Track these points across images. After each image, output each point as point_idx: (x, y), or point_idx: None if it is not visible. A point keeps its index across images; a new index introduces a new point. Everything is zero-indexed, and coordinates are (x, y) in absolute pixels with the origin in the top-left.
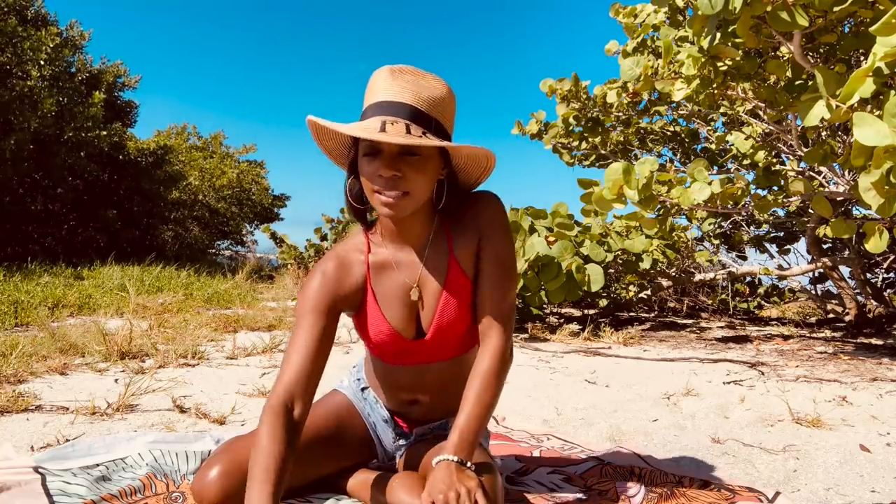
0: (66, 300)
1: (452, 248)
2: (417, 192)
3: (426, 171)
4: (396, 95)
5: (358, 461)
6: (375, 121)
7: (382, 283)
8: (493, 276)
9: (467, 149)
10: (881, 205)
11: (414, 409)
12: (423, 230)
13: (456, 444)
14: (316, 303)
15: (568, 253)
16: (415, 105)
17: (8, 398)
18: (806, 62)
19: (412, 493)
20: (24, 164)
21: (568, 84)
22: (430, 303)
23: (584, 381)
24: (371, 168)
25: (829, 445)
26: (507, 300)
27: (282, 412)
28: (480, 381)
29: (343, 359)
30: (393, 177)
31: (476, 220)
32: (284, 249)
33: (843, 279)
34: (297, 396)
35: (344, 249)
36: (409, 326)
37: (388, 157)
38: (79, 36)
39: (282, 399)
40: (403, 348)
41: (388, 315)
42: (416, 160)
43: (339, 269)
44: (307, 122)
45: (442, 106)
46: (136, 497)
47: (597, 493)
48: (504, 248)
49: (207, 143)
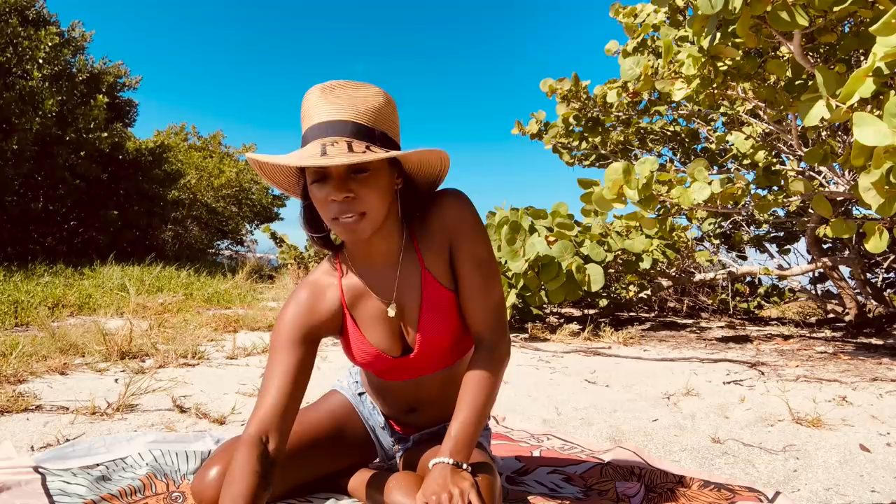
0: (67, 300)
1: (423, 262)
2: (373, 211)
3: (379, 187)
4: (332, 114)
5: (358, 461)
6: (315, 145)
7: (359, 305)
8: (472, 278)
9: (417, 154)
10: (881, 205)
11: (412, 416)
12: (391, 246)
13: (451, 448)
14: (291, 334)
15: (568, 253)
16: (353, 120)
17: (8, 398)
18: (806, 62)
19: (409, 494)
20: (25, 164)
21: (568, 84)
22: (410, 319)
23: (584, 381)
24: (322, 194)
25: (829, 445)
26: (492, 298)
27: (256, 445)
28: (474, 383)
29: (343, 359)
30: (345, 199)
31: (443, 225)
32: (284, 249)
33: (843, 279)
34: (273, 430)
35: (316, 276)
36: (394, 345)
37: (337, 180)
38: (81, 37)
39: (256, 432)
40: (392, 366)
41: (369, 337)
42: (366, 177)
43: (313, 296)
44: (247, 159)
45: (383, 115)
46: (136, 497)
47: (597, 493)
48: (477, 246)
49: (206, 142)
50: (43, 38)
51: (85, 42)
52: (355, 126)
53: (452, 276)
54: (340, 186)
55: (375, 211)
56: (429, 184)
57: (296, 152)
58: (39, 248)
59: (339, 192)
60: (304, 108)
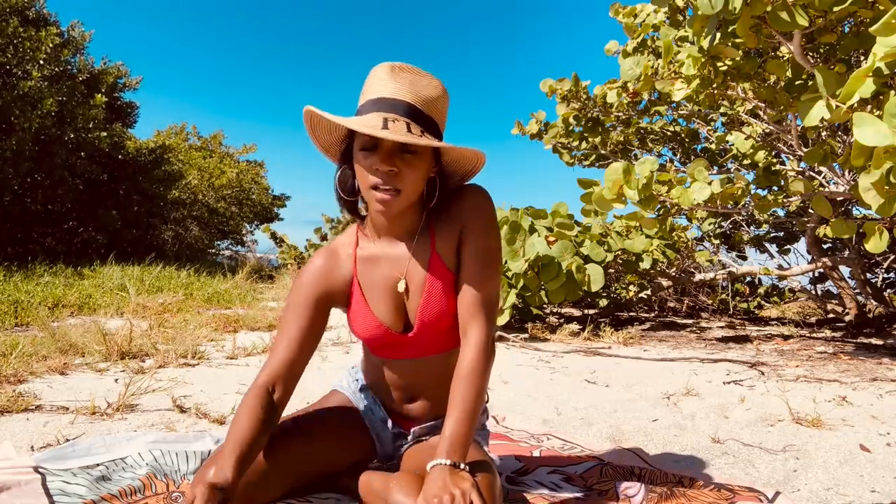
0: (66, 300)
1: (434, 243)
2: (408, 190)
3: (419, 169)
4: (396, 93)
5: (357, 461)
6: (376, 117)
7: (369, 276)
8: (471, 268)
9: (461, 149)
10: (881, 205)
11: (412, 407)
12: (411, 226)
13: (447, 449)
14: (305, 295)
15: (568, 253)
16: (414, 104)
17: (8, 398)
18: (806, 62)
19: (409, 495)
20: (24, 164)
21: (568, 84)
22: (415, 296)
23: (584, 381)
24: (368, 162)
25: (829, 445)
26: (486, 292)
27: (263, 393)
28: (464, 381)
29: (343, 359)
30: (389, 171)
31: (458, 213)
32: (284, 249)
33: (843, 279)
34: (280, 381)
35: (334, 245)
36: (397, 320)
37: (386, 153)
38: (80, 37)
39: (265, 382)
40: (392, 342)
41: (374, 308)
42: (412, 158)
43: (329, 262)
44: (304, 112)
45: (438, 105)
46: (136, 497)
47: (597, 493)
48: (484, 239)
49: (207, 142)
50: (43, 39)
51: (84, 42)
52: (414, 109)
53: (458, 262)
54: (387, 160)
55: (410, 190)
56: (458, 179)
57: (356, 118)
58: (39, 248)
59: (385, 164)
60: (369, 79)
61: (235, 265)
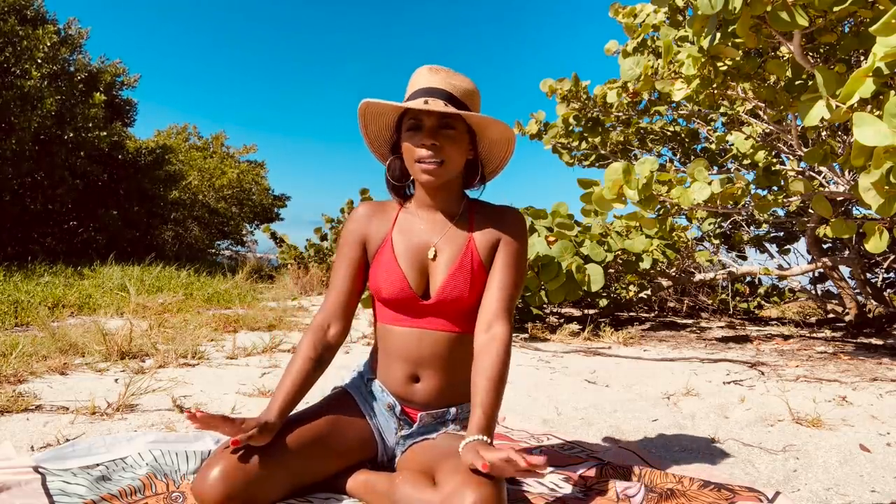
0: (66, 300)
1: (473, 230)
2: (450, 162)
3: (458, 145)
4: (433, 83)
5: (358, 461)
6: (418, 101)
7: (404, 234)
8: (505, 271)
9: (494, 123)
10: (881, 205)
11: (416, 388)
12: (452, 205)
13: (482, 425)
14: (351, 238)
15: (568, 253)
16: (450, 91)
17: (8, 398)
18: (806, 62)
19: (417, 487)
20: (24, 164)
21: (568, 84)
22: (441, 267)
23: (584, 381)
24: (414, 140)
25: (829, 445)
26: (513, 295)
27: (319, 332)
28: (492, 366)
29: (343, 359)
30: (432, 145)
31: (500, 226)
32: (284, 249)
33: (843, 279)
34: (335, 319)
35: (382, 202)
36: (420, 283)
37: (429, 130)
38: (77, 34)
39: (321, 322)
40: (408, 303)
41: (401, 264)
42: (452, 134)
43: (371, 210)
44: (361, 105)
45: (471, 96)
46: (136, 497)
47: (597, 493)
48: (519, 255)
49: (208, 143)
50: (41, 37)
51: (82, 39)
52: (450, 95)
53: (489, 259)
54: (430, 135)
55: (452, 163)
56: (491, 165)
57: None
58: (39, 248)
59: (428, 139)
60: (412, 78)
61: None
